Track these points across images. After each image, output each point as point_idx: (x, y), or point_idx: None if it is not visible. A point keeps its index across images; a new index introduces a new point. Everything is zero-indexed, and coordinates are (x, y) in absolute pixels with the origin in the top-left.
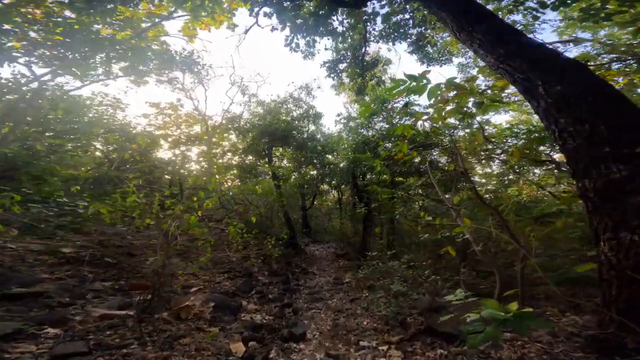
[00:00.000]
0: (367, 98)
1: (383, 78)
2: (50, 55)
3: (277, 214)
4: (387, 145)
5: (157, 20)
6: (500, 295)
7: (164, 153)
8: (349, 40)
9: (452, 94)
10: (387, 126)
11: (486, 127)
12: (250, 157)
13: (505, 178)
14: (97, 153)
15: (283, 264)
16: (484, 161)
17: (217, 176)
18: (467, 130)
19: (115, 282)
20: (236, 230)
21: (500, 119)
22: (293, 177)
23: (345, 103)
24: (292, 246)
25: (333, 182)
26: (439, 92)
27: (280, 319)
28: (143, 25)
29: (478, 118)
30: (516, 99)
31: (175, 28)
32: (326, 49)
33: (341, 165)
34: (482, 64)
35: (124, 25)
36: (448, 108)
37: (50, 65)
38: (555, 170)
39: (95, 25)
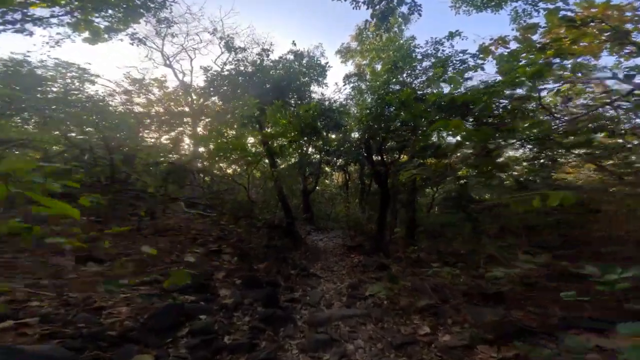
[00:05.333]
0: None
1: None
2: None
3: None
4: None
5: None
6: None
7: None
8: None
9: None
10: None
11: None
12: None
13: (536, 162)
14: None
15: (273, 260)
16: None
17: None
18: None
19: None
20: None
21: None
22: (291, 151)
23: (353, 74)
24: (289, 235)
25: (340, 161)
26: None
27: None
28: None
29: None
30: None
31: None
32: None
33: (352, 136)
34: None
35: None
36: None
37: None
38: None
39: None
